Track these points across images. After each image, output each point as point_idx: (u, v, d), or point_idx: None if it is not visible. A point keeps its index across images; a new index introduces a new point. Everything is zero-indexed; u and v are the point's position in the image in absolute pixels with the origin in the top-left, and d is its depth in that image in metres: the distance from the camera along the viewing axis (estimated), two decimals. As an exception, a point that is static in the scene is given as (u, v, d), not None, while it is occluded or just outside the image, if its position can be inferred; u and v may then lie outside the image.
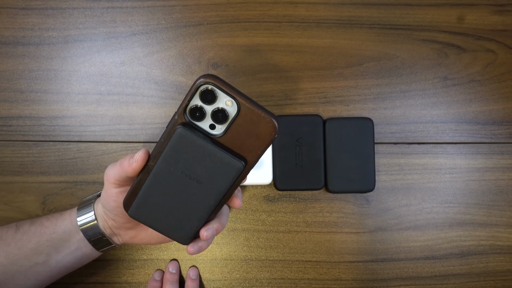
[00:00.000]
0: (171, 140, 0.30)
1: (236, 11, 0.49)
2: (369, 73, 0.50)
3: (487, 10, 0.50)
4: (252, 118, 0.29)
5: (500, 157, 0.49)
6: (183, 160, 0.30)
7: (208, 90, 0.29)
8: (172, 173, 0.31)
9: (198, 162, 0.30)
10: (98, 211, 0.39)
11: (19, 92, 0.49)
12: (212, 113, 0.29)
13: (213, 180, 0.31)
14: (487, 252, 0.49)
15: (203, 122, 0.30)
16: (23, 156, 0.49)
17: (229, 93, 0.29)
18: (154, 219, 0.34)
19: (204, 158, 0.30)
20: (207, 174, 0.31)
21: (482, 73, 0.50)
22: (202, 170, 0.31)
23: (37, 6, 0.49)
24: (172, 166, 0.31)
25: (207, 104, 0.29)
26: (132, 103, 0.49)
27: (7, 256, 0.37)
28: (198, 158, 0.30)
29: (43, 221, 0.39)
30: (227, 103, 0.29)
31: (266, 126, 0.29)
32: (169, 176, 0.31)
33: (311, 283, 0.48)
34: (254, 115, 0.29)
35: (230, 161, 0.30)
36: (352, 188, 0.48)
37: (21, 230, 0.39)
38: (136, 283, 0.48)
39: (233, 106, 0.29)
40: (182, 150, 0.30)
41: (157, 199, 0.33)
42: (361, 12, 0.50)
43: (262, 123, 0.29)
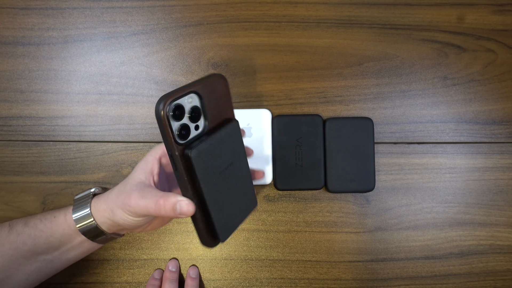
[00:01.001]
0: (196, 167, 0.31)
1: (236, 11, 0.49)
2: (369, 73, 0.50)
3: (487, 10, 0.50)
4: (209, 90, 0.32)
5: (500, 157, 0.49)
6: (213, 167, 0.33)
7: (176, 106, 0.30)
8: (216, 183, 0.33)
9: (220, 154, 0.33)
10: (101, 218, 0.38)
11: (19, 92, 0.49)
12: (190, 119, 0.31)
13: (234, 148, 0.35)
14: (487, 252, 0.49)
15: (193, 132, 0.32)
16: (23, 156, 0.49)
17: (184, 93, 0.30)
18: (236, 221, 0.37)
19: (220, 147, 0.33)
20: (229, 151, 0.34)
21: (482, 73, 0.50)
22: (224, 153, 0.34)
23: (37, 6, 0.49)
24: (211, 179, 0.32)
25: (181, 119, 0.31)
26: (132, 103, 0.49)
27: (3, 255, 0.37)
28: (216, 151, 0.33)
29: (36, 223, 0.38)
30: (189, 100, 0.31)
31: (219, 83, 0.34)
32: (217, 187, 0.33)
33: (311, 282, 0.49)
34: (208, 87, 0.32)
35: (231, 127, 0.34)
36: (352, 188, 0.48)
37: (14, 231, 0.38)
38: (136, 283, 0.48)
39: (194, 99, 0.32)
40: (207, 160, 0.32)
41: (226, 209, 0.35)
42: (361, 12, 0.50)
43: (215, 85, 0.33)
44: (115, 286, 0.48)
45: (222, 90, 0.34)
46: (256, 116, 0.48)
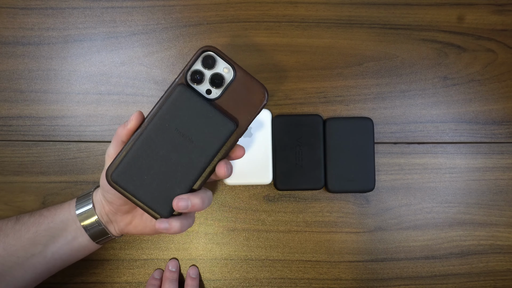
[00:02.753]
0: (171, 97, 0.32)
1: (236, 11, 0.49)
2: (369, 73, 0.50)
3: (487, 9, 0.50)
4: (246, 85, 0.33)
5: (500, 157, 0.49)
6: (179, 116, 0.32)
7: (209, 55, 0.32)
8: (166, 129, 0.32)
9: (193, 119, 0.32)
10: (96, 198, 0.39)
11: (19, 92, 0.49)
12: (211, 78, 0.33)
13: (204, 138, 0.32)
14: (487, 252, 0.49)
15: (201, 86, 0.33)
16: (23, 156, 0.49)
17: (228, 60, 0.32)
18: (136, 186, 0.33)
19: (199, 116, 0.32)
20: (199, 132, 0.32)
21: (482, 73, 0.50)
22: (196, 127, 0.32)
23: (37, 6, 0.49)
24: (167, 121, 0.32)
25: (207, 69, 0.33)
26: (132, 103, 0.49)
27: (6, 247, 0.38)
28: (194, 115, 0.32)
29: (42, 212, 0.40)
30: (225, 70, 0.33)
31: (258, 93, 0.33)
32: (163, 133, 0.32)
33: (311, 282, 0.49)
34: (247, 82, 0.33)
35: (223, 120, 0.32)
36: (352, 188, 0.48)
37: (20, 221, 0.39)
38: (136, 283, 0.48)
39: (229, 72, 0.33)
40: (180, 106, 0.32)
41: (144, 162, 0.32)
42: (361, 12, 0.50)
43: (254, 89, 0.33)
44: (115, 286, 0.48)
45: (254, 99, 0.33)
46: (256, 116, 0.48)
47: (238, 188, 0.49)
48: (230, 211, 0.49)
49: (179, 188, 0.33)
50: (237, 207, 0.49)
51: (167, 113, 0.32)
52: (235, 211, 0.49)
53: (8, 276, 0.38)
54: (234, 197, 0.49)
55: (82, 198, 0.40)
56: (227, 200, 0.49)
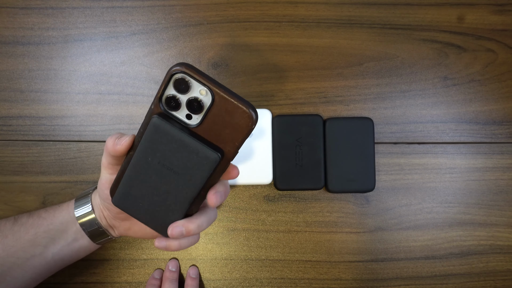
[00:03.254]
0: (147, 130, 0.30)
1: (236, 11, 0.49)
2: (369, 73, 0.50)
3: (487, 9, 0.50)
4: (227, 108, 0.28)
5: (500, 157, 0.49)
6: (159, 150, 0.30)
7: (180, 79, 0.28)
8: (149, 163, 0.31)
9: (174, 152, 0.30)
10: (95, 201, 0.39)
11: (19, 92, 0.49)
12: (187, 103, 0.29)
13: (189, 171, 0.30)
14: (487, 252, 0.49)
15: (179, 112, 0.29)
16: (23, 156, 0.49)
17: (202, 82, 0.28)
18: (136, 208, 0.33)
19: (180, 149, 0.29)
20: (183, 165, 0.30)
21: (482, 73, 0.50)
22: (178, 160, 0.30)
23: (37, 6, 0.49)
24: (149, 156, 0.30)
25: (181, 93, 0.29)
26: (132, 103, 0.49)
27: (5, 248, 0.38)
28: (174, 149, 0.30)
29: (41, 213, 0.40)
30: (201, 92, 0.28)
31: (242, 117, 0.28)
32: (147, 166, 0.31)
33: (311, 282, 0.49)
34: (229, 105, 0.28)
35: (206, 152, 0.29)
36: (352, 188, 0.48)
37: (19, 222, 0.39)
38: (136, 283, 0.48)
39: (207, 95, 0.28)
40: (158, 141, 0.29)
41: (138, 189, 0.32)
42: (361, 12, 0.50)
43: (238, 113, 0.28)
44: (115, 286, 0.48)
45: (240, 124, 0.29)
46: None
47: (238, 188, 0.49)
48: (230, 211, 0.49)
49: (173, 214, 0.32)
50: (237, 207, 0.49)
51: (146, 148, 0.30)
52: (235, 211, 0.49)
53: (8, 276, 0.38)
54: (234, 197, 0.49)
55: (80, 200, 0.40)
56: (227, 200, 0.49)
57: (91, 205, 0.39)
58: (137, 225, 0.39)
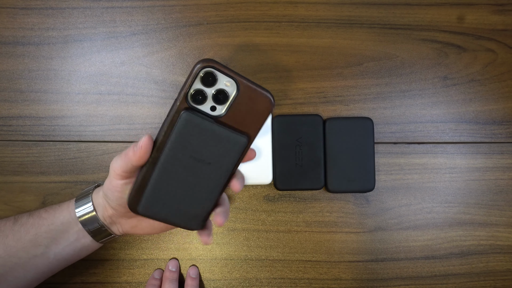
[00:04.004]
0: (177, 126, 0.30)
1: (236, 11, 0.49)
2: (369, 73, 0.50)
3: (487, 9, 0.50)
4: (250, 96, 0.31)
5: (500, 157, 0.49)
6: (191, 144, 0.31)
7: (208, 73, 0.30)
8: (180, 159, 0.32)
9: (205, 143, 0.31)
10: (97, 201, 0.39)
11: (19, 92, 0.49)
12: (213, 95, 0.31)
13: (221, 158, 0.32)
14: (487, 252, 0.49)
15: (205, 105, 0.31)
16: (23, 156, 0.49)
17: (228, 74, 0.30)
18: (165, 211, 0.34)
19: (211, 139, 0.31)
20: (214, 154, 0.32)
21: (482, 73, 0.50)
22: (210, 150, 0.32)
23: (37, 6, 0.49)
24: (180, 151, 0.31)
25: (207, 87, 0.30)
26: (132, 103, 0.49)
27: (5, 248, 0.37)
28: (205, 140, 0.31)
29: (41, 213, 0.39)
30: (227, 84, 0.31)
31: (264, 101, 0.31)
32: (178, 163, 0.32)
33: (311, 282, 0.49)
34: (252, 93, 0.31)
35: (235, 138, 0.32)
36: (352, 188, 0.48)
37: (19, 222, 0.39)
38: (136, 283, 0.48)
39: (232, 86, 0.31)
40: (189, 134, 0.31)
41: (167, 190, 0.33)
42: (361, 12, 0.50)
43: (259, 99, 0.31)
44: (115, 286, 0.48)
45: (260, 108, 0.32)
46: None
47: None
48: (230, 211, 0.49)
49: (205, 205, 0.34)
50: (237, 207, 0.49)
51: (178, 143, 0.31)
52: (235, 211, 0.49)
53: (10, 276, 0.38)
54: (234, 197, 0.49)
55: (81, 200, 0.40)
56: (227, 200, 0.49)
57: (92, 205, 0.39)
58: (144, 221, 0.39)
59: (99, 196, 0.39)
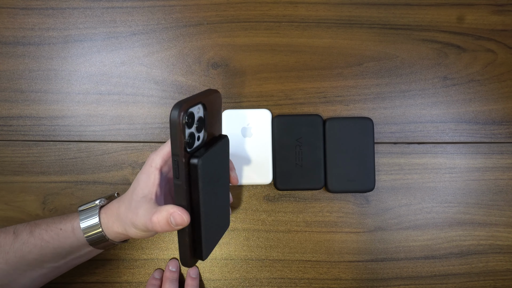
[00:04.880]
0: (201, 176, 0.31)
1: (236, 11, 0.49)
2: (369, 73, 0.50)
3: (487, 10, 0.50)
4: (211, 105, 0.34)
5: (500, 157, 0.49)
6: (211, 179, 0.34)
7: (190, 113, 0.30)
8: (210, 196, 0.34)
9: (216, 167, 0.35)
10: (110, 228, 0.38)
11: (19, 92, 0.49)
12: (197, 128, 0.32)
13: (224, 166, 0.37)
14: (487, 252, 0.49)
15: (196, 143, 0.33)
16: (24, 156, 0.49)
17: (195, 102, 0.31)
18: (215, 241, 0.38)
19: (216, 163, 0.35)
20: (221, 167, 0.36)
21: (482, 73, 0.50)
22: (218, 168, 0.35)
23: (37, 6, 0.49)
24: (208, 191, 0.33)
25: (190, 127, 0.31)
26: (132, 103, 0.49)
27: (7, 262, 0.37)
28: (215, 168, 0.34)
29: (43, 235, 0.38)
30: (199, 111, 0.32)
31: (218, 100, 0.35)
32: (210, 200, 0.34)
33: (311, 282, 0.49)
34: (211, 101, 0.34)
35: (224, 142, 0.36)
36: (352, 188, 0.48)
37: (19, 239, 0.38)
38: (136, 283, 0.48)
39: (201, 110, 0.33)
40: (208, 173, 0.33)
41: (212, 225, 0.35)
42: (361, 12, 0.50)
43: (216, 101, 0.35)
44: (115, 286, 0.48)
45: (218, 106, 0.35)
46: (256, 116, 0.48)
47: (238, 188, 0.49)
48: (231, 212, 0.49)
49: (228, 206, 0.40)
50: (237, 207, 0.49)
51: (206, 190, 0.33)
52: (235, 211, 0.49)
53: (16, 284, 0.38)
54: (234, 197, 0.49)
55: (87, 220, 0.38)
56: (227, 200, 0.49)
57: (100, 226, 0.38)
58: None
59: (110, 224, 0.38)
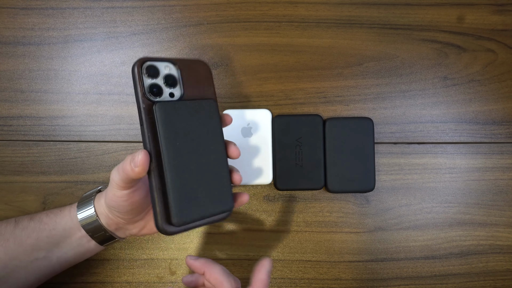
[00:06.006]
0: (159, 121, 0.31)
1: (236, 11, 0.49)
2: (369, 73, 0.50)
3: (487, 10, 0.50)
4: (190, 68, 0.34)
5: (500, 157, 0.49)
6: (180, 130, 0.32)
7: (149, 66, 0.32)
8: (180, 150, 0.32)
9: (189, 122, 0.33)
10: (100, 209, 0.38)
11: (19, 92, 0.49)
12: (165, 83, 0.33)
13: (208, 129, 0.34)
14: (487, 252, 0.49)
15: (164, 96, 0.33)
16: (24, 156, 0.49)
17: (164, 59, 0.33)
18: (198, 211, 0.32)
19: (191, 115, 0.33)
20: (201, 127, 0.33)
21: (482, 73, 0.50)
22: (196, 126, 0.33)
23: (37, 6, 0.49)
24: (176, 143, 0.32)
25: (155, 77, 0.32)
26: (132, 103, 0.49)
27: (6, 251, 0.37)
28: (187, 119, 0.33)
29: (42, 217, 0.39)
30: (168, 68, 0.33)
31: (203, 67, 0.35)
32: (181, 156, 0.32)
33: (311, 282, 0.49)
34: (190, 65, 0.34)
35: (207, 103, 0.34)
36: (352, 188, 0.48)
37: (20, 225, 0.39)
38: (136, 283, 0.48)
39: (172, 68, 0.33)
40: (173, 122, 0.32)
41: (188, 189, 0.32)
42: (361, 12, 0.50)
43: (199, 67, 0.35)
44: (115, 286, 0.48)
45: (203, 72, 0.35)
46: (256, 116, 0.48)
47: (238, 188, 0.49)
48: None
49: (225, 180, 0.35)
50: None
51: (170, 137, 0.31)
52: (235, 211, 0.49)
53: (11, 278, 0.38)
54: (234, 197, 0.49)
55: (83, 205, 0.39)
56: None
57: (95, 213, 0.38)
58: (151, 221, 0.39)
59: (100, 204, 0.38)
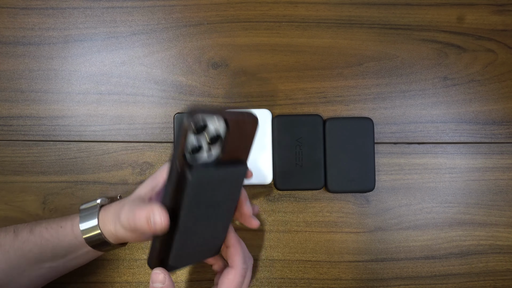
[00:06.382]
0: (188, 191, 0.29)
1: (236, 11, 0.49)
2: (369, 73, 0.50)
3: (487, 10, 0.50)
4: (238, 125, 0.30)
5: (500, 157, 0.49)
6: (203, 199, 0.31)
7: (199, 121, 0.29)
8: (196, 216, 0.31)
9: (215, 191, 0.31)
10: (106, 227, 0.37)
11: (19, 92, 0.49)
12: (208, 142, 0.30)
13: (230, 193, 0.33)
14: (487, 252, 0.49)
15: (201, 153, 0.30)
16: (24, 156, 0.49)
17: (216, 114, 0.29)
18: (191, 260, 0.36)
19: (219, 184, 0.31)
20: (224, 194, 0.33)
21: (482, 73, 0.50)
22: (220, 194, 0.32)
23: (38, 6, 0.49)
24: (195, 210, 0.31)
25: (199, 133, 0.29)
26: (132, 103, 0.49)
27: (7, 261, 0.37)
28: (215, 188, 0.31)
29: (43, 232, 0.38)
30: (215, 124, 0.29)
31: (251, 124, 0.31)
32: (195, 220, 0.31)
33: (311, 282, 0.49)
34: (240, 121, 0.30)
35: (238, 171, 0.32)
36: (352, 188, 0.48)
37: (19, 238, 0.38)
38: (136, 283, 0.48)
39: (220, 126, 0.30)
40: (200, 192, 0.30)
41: (191, 245, 0.33)
42: (361, 12, 0.50)
43: (247, 124, 0.31)
44: (116, 286, 0.48)
45: (249, 132, 0.32)
46: None
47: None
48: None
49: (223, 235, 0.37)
50: (237, 207, 0.49)
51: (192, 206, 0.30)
52: (235, 211, 0.49)
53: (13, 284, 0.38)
54: (234, 197, 0.49)
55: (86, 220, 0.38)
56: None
57: (99, 229, 0.37)
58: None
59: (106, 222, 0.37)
